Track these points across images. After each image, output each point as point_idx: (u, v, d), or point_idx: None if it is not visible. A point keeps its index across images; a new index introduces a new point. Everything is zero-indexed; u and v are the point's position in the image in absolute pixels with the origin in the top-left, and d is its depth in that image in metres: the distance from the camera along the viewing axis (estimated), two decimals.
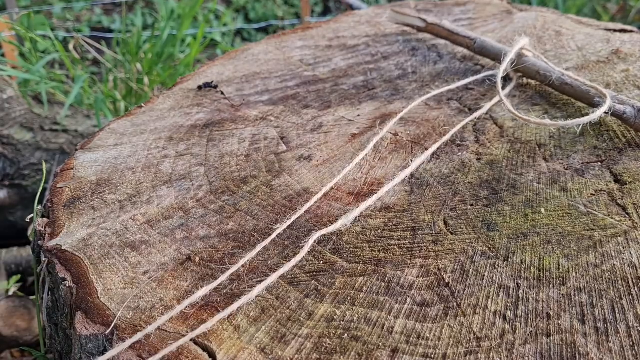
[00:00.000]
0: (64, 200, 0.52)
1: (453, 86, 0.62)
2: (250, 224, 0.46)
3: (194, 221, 0.47)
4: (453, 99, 0.61)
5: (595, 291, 0.37)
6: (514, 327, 0.35)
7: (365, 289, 0.39)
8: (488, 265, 0.40)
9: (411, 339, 0.35)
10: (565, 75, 0.57)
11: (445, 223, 0.44)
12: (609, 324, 0.35)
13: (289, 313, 0.38)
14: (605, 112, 0.50)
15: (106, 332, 0.38)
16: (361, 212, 0.45)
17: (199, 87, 0.70)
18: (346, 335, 0.36)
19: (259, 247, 0.42)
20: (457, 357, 0.34)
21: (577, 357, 0.33)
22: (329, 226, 0.43)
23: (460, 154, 0.52)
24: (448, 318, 0.36)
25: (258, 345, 0.36)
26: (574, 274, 0.39)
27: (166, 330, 0.37)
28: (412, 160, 0.50)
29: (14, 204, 1.21)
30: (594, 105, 0.53)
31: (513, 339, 0.35)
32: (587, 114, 0.50)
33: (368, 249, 0.42)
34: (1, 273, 1.02)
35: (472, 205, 0.46)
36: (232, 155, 0.56)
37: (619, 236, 0.41)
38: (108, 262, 0.44)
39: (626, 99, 0.52)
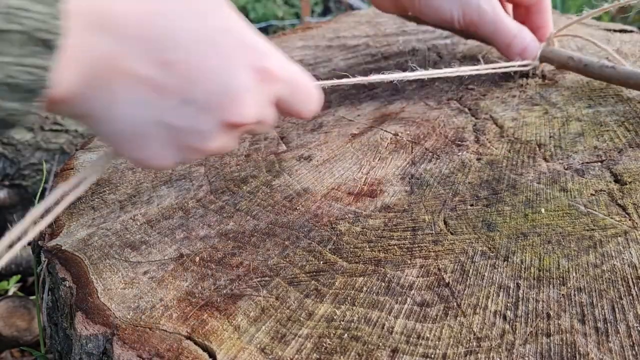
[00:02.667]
0: None
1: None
2: (250, 224, 0.46)
3: (194, 221, 0.47)
4: (453, 99, 0.61)
5: (595, 291, 0.37)
6: (514, 327, 0.35)
7: (365, 289, 0.39)
8: (488, 265, 0.40)
9: (411, 339, 0.35)
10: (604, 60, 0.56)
11: (445, 223, 0.44)
12: (609, 324, 0.35)
13: (289, 313, 0.38)
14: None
15: (106, 332, 0.38)
16: (361, 212, 0.45)
17: None
18: (346, 335, 0.36)
19: None
20: (457, 357, 0.34)
21: (577, 357, 0.33)
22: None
23: (460, 154, 0.52)
24: (448, 318, 0.36)
25: (258, 345, 0.36)
26: (574, 274, 0.39)
27: (166, 330, 0.37)
28: (412, 160, 0.50)
29: (14, 204, 1.21)
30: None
31: (513, 339, 0.35)
32: (588, 113, 0.50)
33: (368, 249, 0.42)
34: None
35: (472, 205, 0.46)
36: (232, 155, 0.56)
37: (619, 236, 0.41)
38: (108, 262, 0.44)
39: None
